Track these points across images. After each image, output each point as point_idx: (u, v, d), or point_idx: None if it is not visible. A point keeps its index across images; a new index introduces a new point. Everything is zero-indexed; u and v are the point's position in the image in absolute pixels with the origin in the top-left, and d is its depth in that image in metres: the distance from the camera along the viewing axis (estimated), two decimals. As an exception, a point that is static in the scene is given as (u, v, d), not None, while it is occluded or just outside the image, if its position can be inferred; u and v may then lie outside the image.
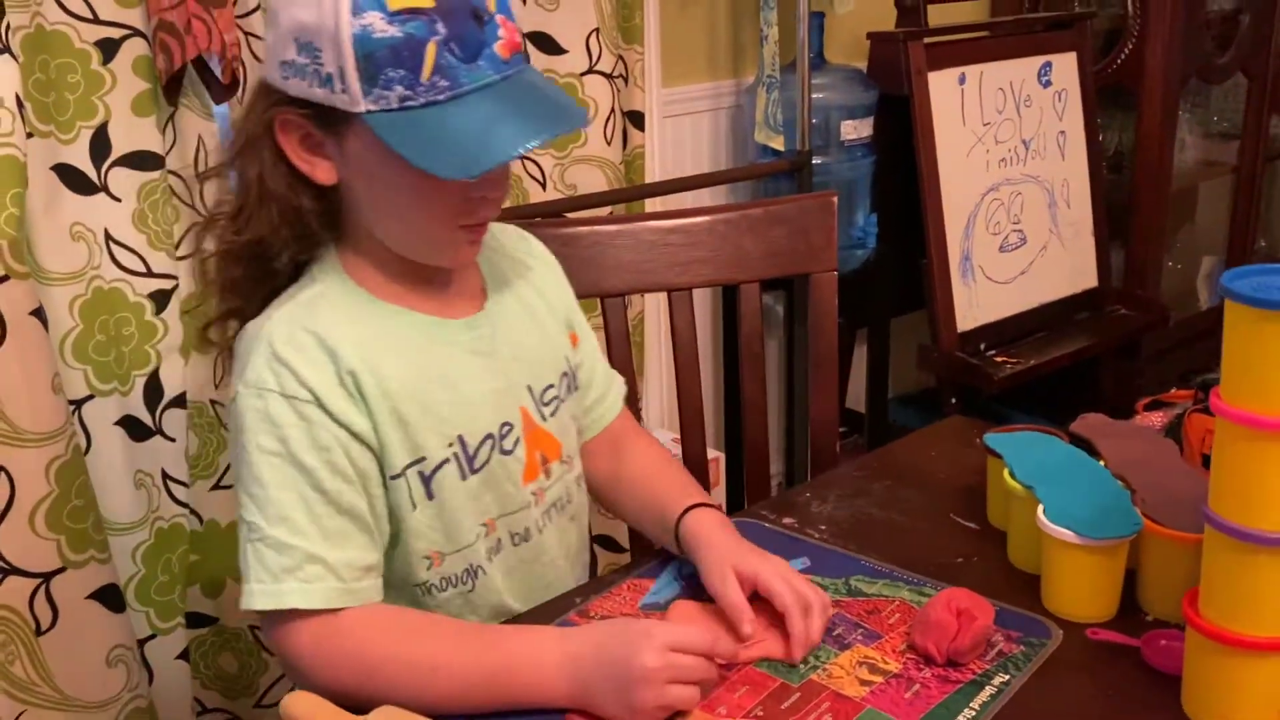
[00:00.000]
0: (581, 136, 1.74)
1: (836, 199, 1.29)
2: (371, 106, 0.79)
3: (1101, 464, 0.96)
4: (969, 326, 2.10)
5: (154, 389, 1.39)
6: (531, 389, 0.96)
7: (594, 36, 1.71)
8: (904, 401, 2.54)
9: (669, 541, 0.97)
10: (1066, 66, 2.26)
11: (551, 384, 0.98)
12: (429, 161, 0.79)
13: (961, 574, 0.94)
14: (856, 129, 2.06)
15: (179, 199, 1.39)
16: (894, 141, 2.07)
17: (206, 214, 0.91)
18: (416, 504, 0.88)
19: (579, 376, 1.03)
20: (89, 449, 1.35)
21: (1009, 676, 0.81)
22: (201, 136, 1.37)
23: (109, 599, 1.31)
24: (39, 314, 1.21)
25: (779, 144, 1.96)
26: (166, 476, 1.43)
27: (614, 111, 1.76)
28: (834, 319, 1.30)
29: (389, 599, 0.87)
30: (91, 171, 1.31)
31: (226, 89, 1.36)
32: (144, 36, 1.30)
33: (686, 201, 1.91)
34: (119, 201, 1.33)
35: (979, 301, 2.13)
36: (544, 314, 1.00)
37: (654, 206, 1.88)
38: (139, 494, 1.41)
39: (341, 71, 0.78)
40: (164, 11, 1.27)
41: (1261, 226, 2.83)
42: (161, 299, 1.37)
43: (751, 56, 2.13)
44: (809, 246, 1.29)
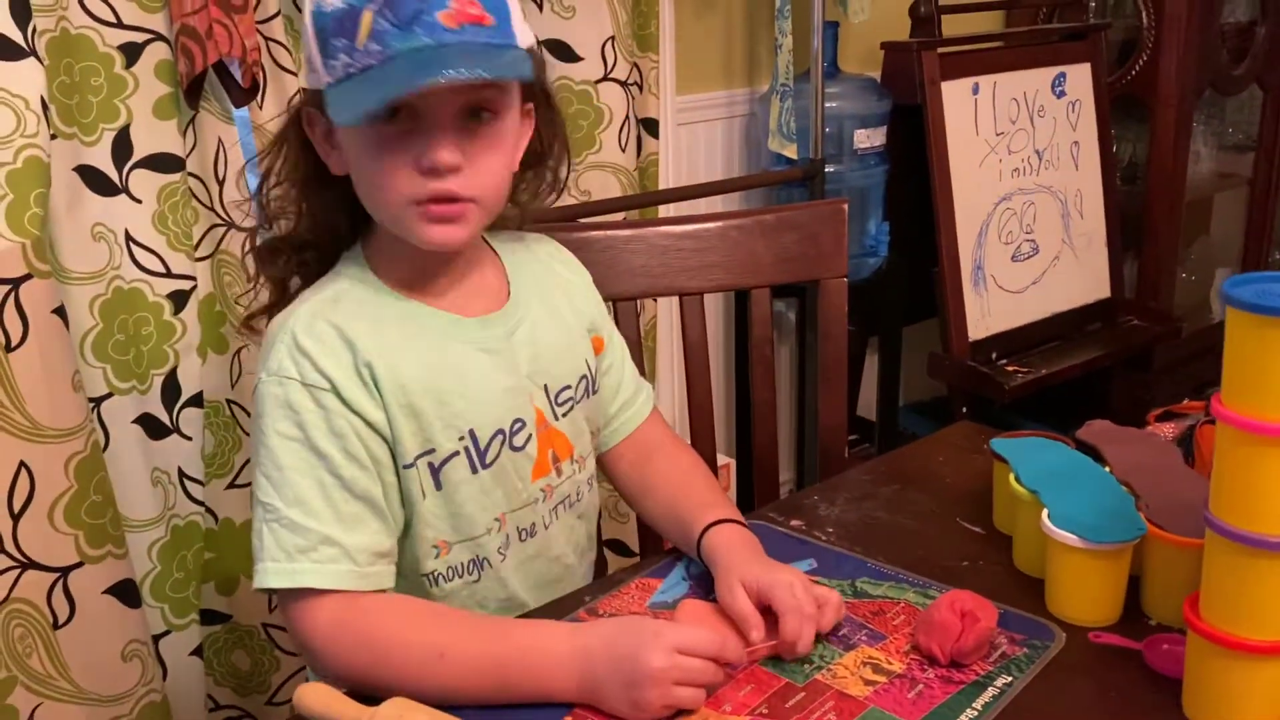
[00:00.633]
0: (597, 142, 1.76)
1: (847, 205, 1.30)
2: (328, 79, 0.83)
3: (1106, 470, 0.96)
4: (980, 335, 2.11)
5: (171, 388, 1.41)
6: (548, 388, 0.97)
7: (609, 44, 1.73)
8: (915, 410, 2.54)
9: (692, 554, 0.98)
10: (1081, 77, 2.26)
11: (568, 385, 0.99)
12: (333, 111, 0.82)
13: (967, 577, 0.95)
14: (869, 138, 2.07)
15: (198, 201, 1.41)
16: (907, 150, 2.08)
17: (261, 214, 0.95)
18: (426, 494, 0.90)
19: (600, 382, 1.04)
20: (107, 446, 1.37)
21: (1011, 678, 0.82)
22: (221, 139, 1.39)
23: (125, 594, 1.33)
24: (60, 313, 1.23)
25: (792, 152, 1.97)
26: (183, 474, 1.44)
27: (628, 118, 1.77)
28: (844, 325, 1.30)
29: (397, 589, 0.89)
30: (113, 173, 1.33)
31: (246, 93, 1.38)
32: (166, 41, 1.32)
33: (699, 208, 1.93)
34: (139, 203, 1.35)
35: (991, 310, 2.14)
36: (568, 316, 1.01)
37: (667, 213, 1.90)
38: (156, 491, 1.42)
39: (310, 51, 0.84)
40: (186, 16, 1.29)
41: (1276, 239, 2.83)
42: (180, 299, 1.39)
43: (766, 65, 2.15)
44: (820, 253, 1.30)
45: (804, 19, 1.97)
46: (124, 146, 1.33)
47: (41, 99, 1.18)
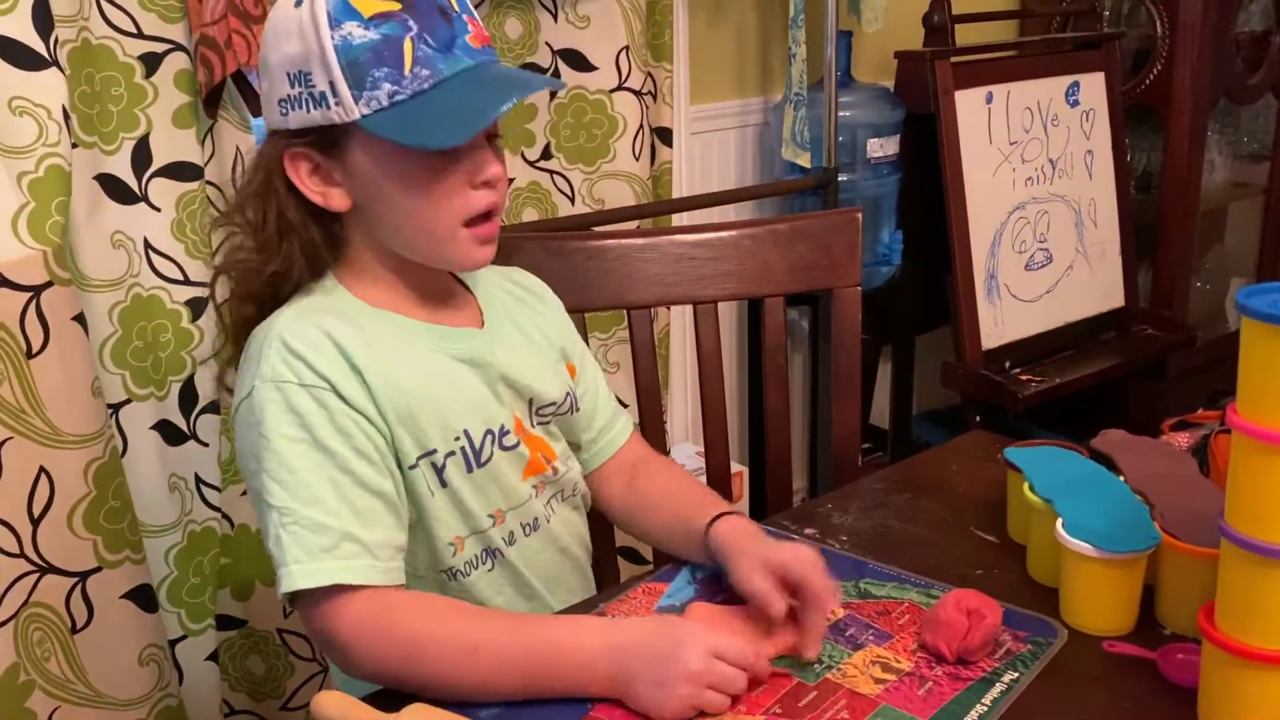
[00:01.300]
0: (611, 151, 1.77)
1: (861, 214, 1.31)
2: (365, 110, 0.84)
3: (1121, 479, 0.96)
4: (994, 344, 2.11)
5: (189, 394, 1.42)
6: (532, 403, 0.99)
7: (624, 54, 1.74)
8: (928, 419, 2.54)
9: (697, 553, 0.98)
10: (1094, 86, 2.26)
11: (553, 401, 1.01)
12: (424, 137, 0.84)
13: (981, 586, 0.94)
14: (883, 147, 2.07)
15: (216, 209, 1.42)
16: (920, 159, 2.08)
17: (224, 262, 0.94)
18: (434, 492, 0.92)
19: (580, 402, 1.06)
20: (125, 452, 1.38)
21: (1018, 674, 0.83)
22: (239, 148, 1.41)
23: (142, 599, 1.34)
24: (80, 320, 1.24)
25: (805, 161, 1.98)
26: (199, 480, 1.45)
27: (642, 128, 1.78)
28: (857, 334, 1.31)
29: (417, 588, 0.90)
30: (133, 181, 1.34)
31: (264, 102, 1.39)
32: (185, 51, 1.34)
33: (713, 217, 1.93)
34: (158, 211, 1.36)
35: (1004, 319, 2.13)
36: (540, 341, 1.03)
37: (680, 222, 1.90)
38: (173, 497, 1.43)
39: (333, 85, 0.84)
40: (205, 27, 1.31)
41: (1292, 248, 2.82)
42: (197, 306, 1.40)
43: (779, 74, 2.15)
44: (833, 261, 1.30)
45: (817, 28, 1.97)
46: (143, 155, 1.34)
47: (63, 108, 1.20)
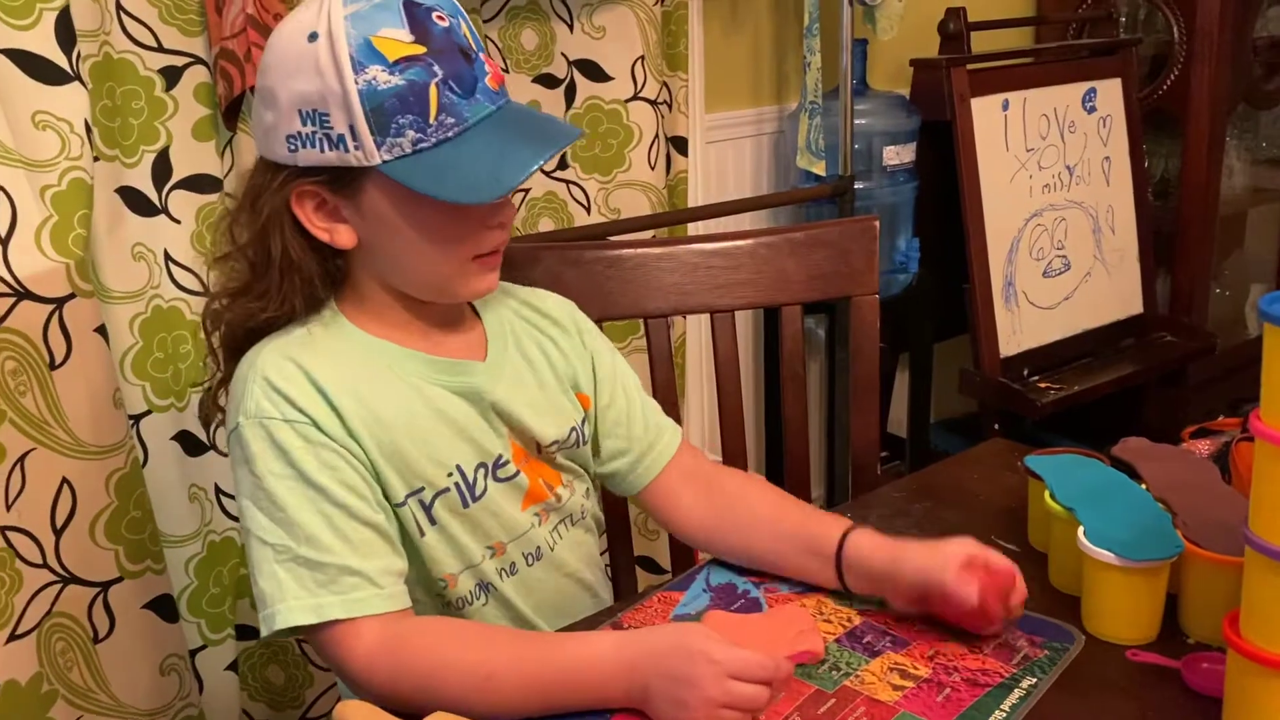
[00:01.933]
0: (626, 161, 1.77)
1: (878, 222, 1.31)
2: (387, 156, 0.83)
3: (1143, 487, 0.96)
4: (1012, 352, 2.10)
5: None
6: (539, 441, 0.97)
7: (639, 64, 1.74)
8: (946, 427, 2.53)
9: (823, 571, 0.95)
10: (1111, 92, 2.25)
11: (556, 440, 0.98)
12: (453, 192, 0.83)
13: (1001, 595, 0.95)
14: (899, 154, 2.07)
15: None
16: (937, 167, 2.07)
17: (220, 293, 0.92)
18: (425, 530, 0.91)
19: (602, 443, 1.04)
20: (146, 462, 1.39)
21: (1036, 679, 0.83)
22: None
23: (163, 609, 1.35)
24: (101, 331, 1.25)
25: (821, 169, 1.98)
26: (219, 491, 1.46)
27: (658, 137, 1.79)
28: (875, 342, 1.30)
29: (418, 612, 0.89)
30: (153, 194, 1.35)
31: (283, 115, 1.40)
32: (205, 64, 1.35)
33: (728, 226, 1.93)
34: (178, 223, 1.37)
35: (1022, 327, 2.13)
36: (546, 373, 1.00)
37: (696, 231, 1.90)
38: (193, 507, 1.44)
39: (353, 129, 0.82)
40: (225, 40, 1.32)
41: (1312, 254, 2.80)
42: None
43: (794, 83, 2.15)
44: (850, 269, 1.30)
45: (833, 37, 1.97)
46: (164, 168, 1.35)
47: (85, 122, 1.21)
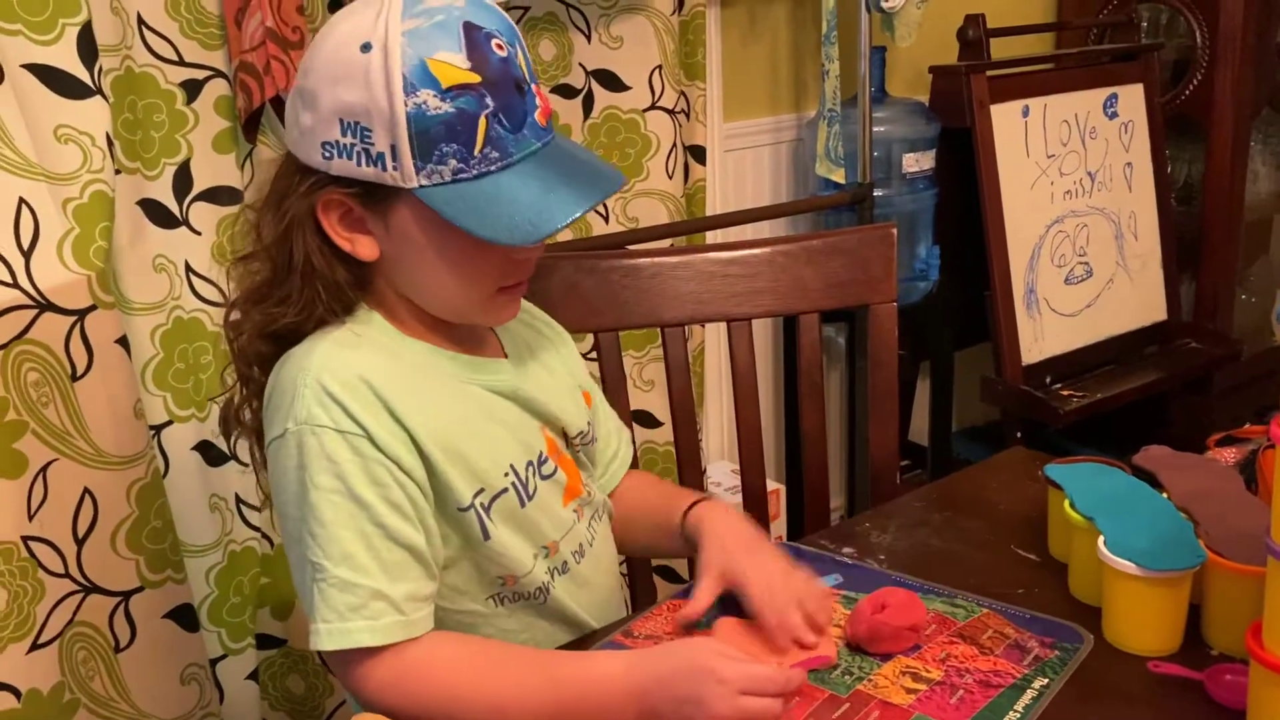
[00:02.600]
0: (644, 170, 1.77)
1: (896, 230, 1.30)
2: (424, 181, 0.81)
3: (1164, 496, 0.95)
4: (1034, 360, 2.08)
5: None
6: (566, 431, 0.99)
7: (657, 73, 1.75)
8: (968, 435, 2.51)
9: (684, 549, 1.01)
10: (1133, 98, 2.24)
11: (581, 431, 1.01)
12: (492, 231, 0.81)
13: (1022, 604, 0.94)
14: (918, 161, 2.06)
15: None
16: (957, 174, 2.06)
17: (240, 298, 0.92)
18: (489, 534, 0.90)
19: (593, 429, 1.06)
20: (167, 473, 1.40)
21: (1047, 680, 0.84)
22: (278, 172, 1.42)
23: (184, 619, 1.35)
24: (123, 342, 1.26)
25: (840, 177, 1.97)
26: (239, 501, 1.47)
27: (675, 146, 1.79)
28: (894, 350, 1.30)
29: (463, 605, 0.90)
30: (174, 206, 1.36)
31: (302, 127, 1.41)
32: (225, 77, 1.36)
33: (746, 234, 1.93)
34: (199, 235, 1.38)
35: (1044, 334, 2.11)
36: (560, 371, 1.03)
37: (714, 239, 1.90)
38: (213, 517, 1.45)
39: (394, 149, 0.80)
40: (245, 54, 1.33)
41: (1340, 259, 2.77)
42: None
43: (813, 91, 2.15)
44: (868, 277, 1.29)
45: (851, 44, 1.97)
46: (184, 180, 1.36)
47: (107, 135, 1.22)
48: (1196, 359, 2.28)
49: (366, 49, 0.80)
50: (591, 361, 1.23)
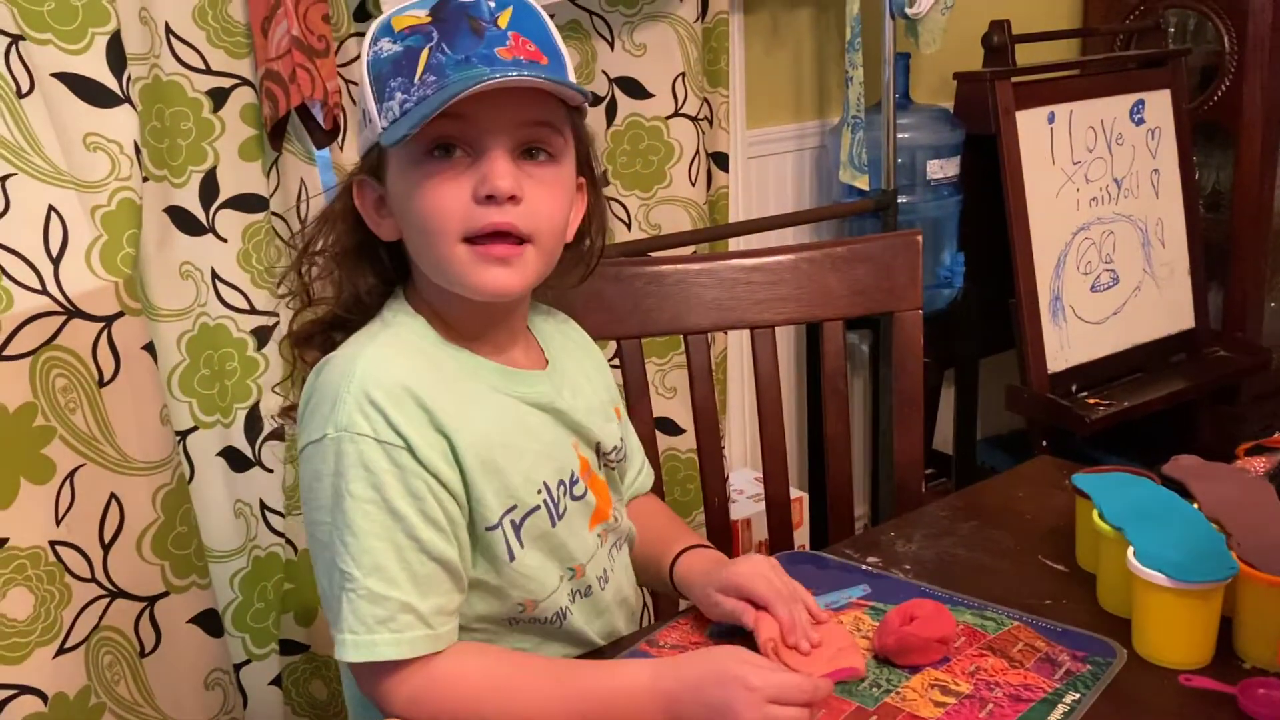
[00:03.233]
0: (667, 177, 1.77)
1: (921, 237, 1.29)
2: (384, 123, 0.83)
3: (1195, 506, 0.94)
4: (1060, 368, 2.07)
5: (254, 422, 1.44)
6: (599, 449, 0.98)
7: (680, 81, 1.74)
8: (993, 443, 2.49)
9: (664, 587, 1.03)
10: (1160, 104, 2.22)
11: (615, 447, 1.00)
12: (387, 136, 0.82)
13: (1050, 616, 0.93)
14: (943, 168, 2.05)
15: (281, 239, 1.44)
16: (981, 180, 2.05)
17: (304, 295, 0.92)
18: (514, 554, 0.88)
19: (624, 446, 1.05)
20: (192, 478, 1.41)
21: (1079, 695, 0.82)
22: (303, 179, 1.43)
23: (208, 624, 1.36)
24: (149, 349, 1.27)
25: (864, 184, 1.96)
26: (264, 506, 1.48)
27: (699, 153, 1.78)
28: (919, 358, 1.29)
29: (476, 625, 0.89)
30: (200, 213, 1.37)
31: (328, 134, 1.41)
32: (251, 85, 1.37)
33: (770, 241, 1.93)
34: (225, 242, 1.39)
35: (1070, 342, 2.09)
36: (600, 389, 1.02)
37: (738, 246, 1.90)
38: (238, 523, 1.46)
39: (366, 104, 0.84)
40: (271, 62, 1.34)
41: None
42: (263, 335, 1.42)
43: (836, 97, 2.15)
44: (893, 285, 1.28)
45: (875, 51, 1.96)
46: (211, 187, 1.37)
47: (135, 143, 1.23)
48: (1224, 367, 2.26)
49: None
50: (614, 369, 1.23)
